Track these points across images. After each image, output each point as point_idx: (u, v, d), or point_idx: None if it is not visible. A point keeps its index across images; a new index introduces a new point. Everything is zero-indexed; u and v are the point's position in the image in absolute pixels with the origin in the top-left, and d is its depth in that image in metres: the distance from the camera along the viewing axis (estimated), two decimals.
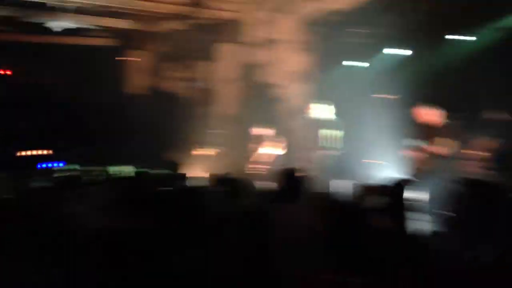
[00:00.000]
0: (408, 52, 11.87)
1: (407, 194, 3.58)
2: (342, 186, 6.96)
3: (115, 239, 2.62)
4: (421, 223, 3.67)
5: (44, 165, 11.42)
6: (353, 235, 2.30)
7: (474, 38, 9.88)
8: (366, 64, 12.87)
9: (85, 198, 4.67)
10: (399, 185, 3.59)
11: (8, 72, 13.03)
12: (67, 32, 12.47)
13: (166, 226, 2.58)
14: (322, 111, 8.38)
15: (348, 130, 9.01)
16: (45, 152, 12.14)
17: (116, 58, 13.45)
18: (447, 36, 10.56)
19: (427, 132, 7.25)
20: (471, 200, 2.24)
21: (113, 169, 8.03)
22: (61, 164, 11.10)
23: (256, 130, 9.90)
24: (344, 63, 13.28)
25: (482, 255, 2.14)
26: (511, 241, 2.22)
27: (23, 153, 11.96)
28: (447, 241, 2.61)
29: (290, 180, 3.29)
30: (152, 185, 3.57)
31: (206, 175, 8.80)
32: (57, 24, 12.16)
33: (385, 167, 10.90)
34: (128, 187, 3.24)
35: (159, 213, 2.66)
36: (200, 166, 10.13)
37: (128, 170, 7.81)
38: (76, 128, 12.02)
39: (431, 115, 7.25)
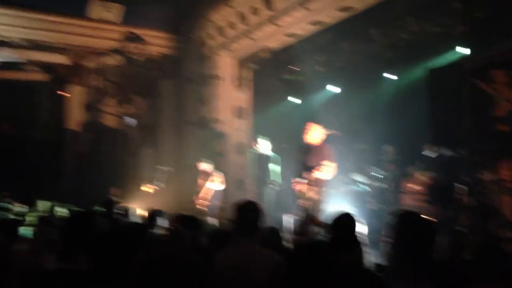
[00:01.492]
0: (345, 89, 12.28)
1: (354, 226, 3.64)
2: (288, 220, 7.01)
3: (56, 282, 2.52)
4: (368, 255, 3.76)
5: None
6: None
7: (406, 77, 10.39)
8: (304, 101, 13.20)
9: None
10: (345, 218, 3.64)
11: None
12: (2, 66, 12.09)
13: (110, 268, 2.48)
14: (264, 146, 8.50)
15: (285, 165, 9.17)
16: None
17: (53, 93, 13.10)
18: (383, 74, 11.05)
19: (311, 154, 7.11)
20: (402, 232, 2.30)
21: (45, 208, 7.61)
22: None
23: (200, 166, 9.89)
24: (282, 100, 13.61)
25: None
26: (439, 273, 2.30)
27: None
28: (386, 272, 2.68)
29: (250, 214, 3.24)
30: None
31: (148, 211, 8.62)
32: None
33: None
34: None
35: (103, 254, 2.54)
36: (143, 202, 9.93)
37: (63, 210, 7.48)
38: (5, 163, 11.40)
39: (315, 133, 7.14)
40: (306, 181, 7.00)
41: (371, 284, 2.62)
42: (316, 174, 6.87)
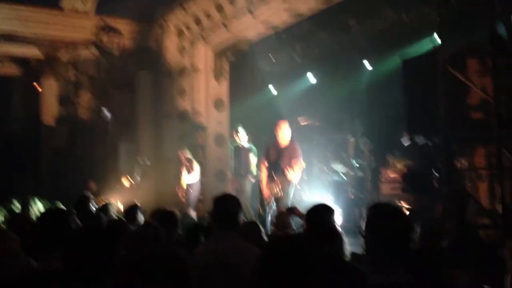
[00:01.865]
0: (322, 79, 12.30)
1: (331, 217, 3.65)
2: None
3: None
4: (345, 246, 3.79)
5: None
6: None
7: (383, 66, 10.44)
8: (282, 91, 13.19)
9: None
10: (322, 209, 3.65)
11: None
12: None
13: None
14: (242, 138, 8.48)
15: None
16: None
17: (28, 87, 12.86)
18: (361, 64, 11.08)
19: (281, 154, 7.06)
20: (378, 224, 2.30)
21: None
22: None
23: (178, 158, 9.84)
24: (260, 90, 13.56)
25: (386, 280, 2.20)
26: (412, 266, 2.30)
27: None
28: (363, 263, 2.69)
29: (229, 208, 3.21)
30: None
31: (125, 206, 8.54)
32: None
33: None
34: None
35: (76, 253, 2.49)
36: (122, 196, 9.84)
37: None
38: None
39: (286, 131, 7.10)
40: (272, 181, 6.99)
41: (351, 277, 2.63)
42: (286, 175, 6.90)
